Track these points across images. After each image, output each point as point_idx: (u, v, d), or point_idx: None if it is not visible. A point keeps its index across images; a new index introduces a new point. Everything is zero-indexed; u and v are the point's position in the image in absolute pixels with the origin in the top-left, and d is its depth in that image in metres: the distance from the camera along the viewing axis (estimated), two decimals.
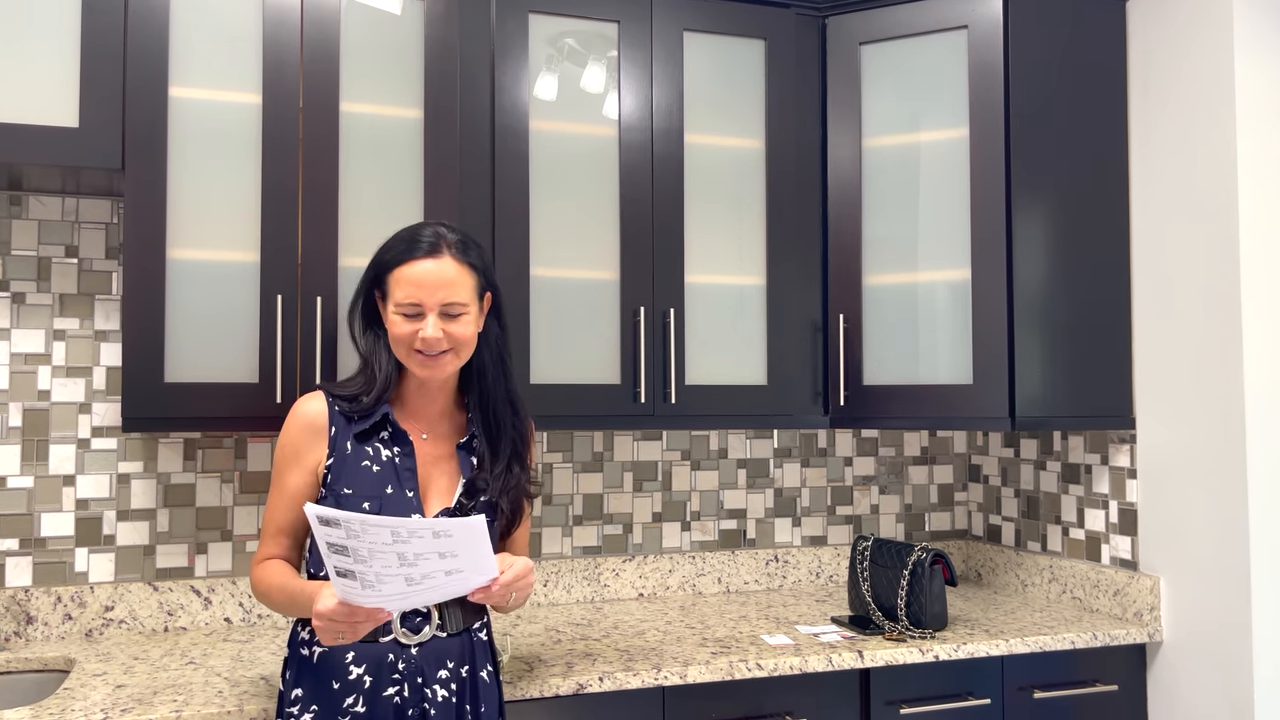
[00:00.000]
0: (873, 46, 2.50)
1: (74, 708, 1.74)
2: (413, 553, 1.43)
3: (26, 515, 2.26)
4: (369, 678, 1.61)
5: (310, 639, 1.66)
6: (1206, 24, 2.29)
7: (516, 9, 2.28)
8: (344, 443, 1.67)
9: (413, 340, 1.64)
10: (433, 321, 1.62)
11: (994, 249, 2.36)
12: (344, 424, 1.68)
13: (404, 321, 1.64)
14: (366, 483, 1.65)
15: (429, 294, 1.62)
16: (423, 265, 1.63)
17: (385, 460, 1.67)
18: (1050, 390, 2.39)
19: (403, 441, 1.68)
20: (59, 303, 2.31)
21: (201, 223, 2.03)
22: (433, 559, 1.44)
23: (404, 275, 1.64)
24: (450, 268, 1.64)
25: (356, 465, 1.66)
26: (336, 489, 1.65)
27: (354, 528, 1.39)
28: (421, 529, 1.42)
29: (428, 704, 1.63)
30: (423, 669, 1.63)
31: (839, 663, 2.12)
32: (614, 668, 2.00)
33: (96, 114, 1.99)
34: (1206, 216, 2.28)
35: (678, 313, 2.36)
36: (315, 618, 1.47)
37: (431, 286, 1.62)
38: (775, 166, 2.46)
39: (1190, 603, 2.30)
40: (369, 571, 1.42)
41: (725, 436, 2.82)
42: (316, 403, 1.69)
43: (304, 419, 1.68)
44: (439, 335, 1.62)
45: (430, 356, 1.65)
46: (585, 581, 2.65)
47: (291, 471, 1.68)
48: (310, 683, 1.63)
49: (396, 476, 1.67)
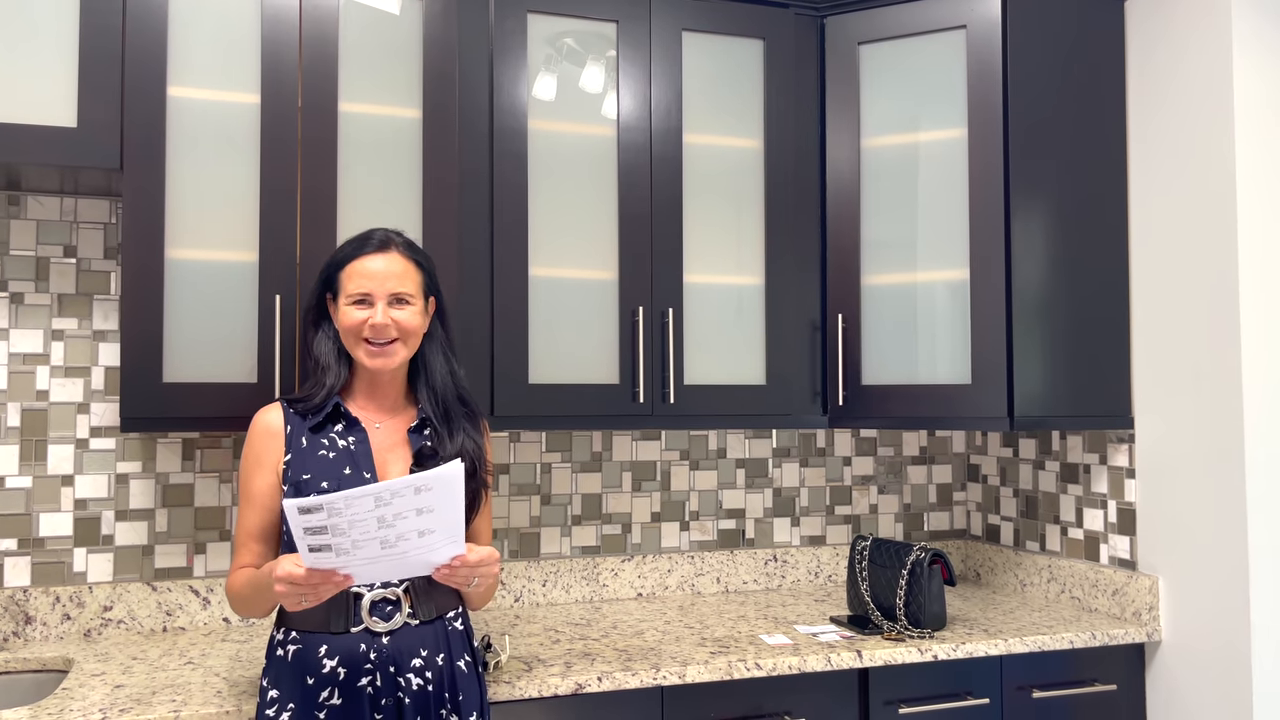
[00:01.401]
0: (871, 46, 2.50)
1: (72, 708, 1.74)
2: (392, 513, 1.47)
3: (25, 515, 2.26)
4: (342, 669, 1.63)
5: (285, 639, 1.68)
6: (1205, 24, 2.29)
7: (515, 9, 2.28)
8: (299, 437, 1.74)
9: (361, 329, 1.72)
10: (381, 308, 1.72)
11: (993, 249, 2.36)
12: (299, 422, 1.75)
13: (354, 310, 1.72)
14: (324, 467, 1.70)
15: (379, 284, 1.72)
16: (373, 259, 1.75)
17: (341, 448, 1.73)
18: (1049, 390, 2.39)
19: (356, 429, 1.75)
20: (57, 303, 2.31)
21: (200, 223, 2.03)
22: (410, 517, 1.48)
23: (355, 269, 1.74)
24: (398, 262, 1.76)
25: (313, 455, 1.71)
26: (295, 478, 1.69)
27: (337, 505, 1.43)
28: (403, 487, 1.46)
29: (402, 693, 1.65)
30: (395, 658, 1.65)
31: (838, 662, 2.12)
32: (613, 667, 2.00)
33: (95, 114, 1.98)
34: (1205, 216, 2.28)
35: (676, 312, 2.36)
36: (277, 582, 1.49)
37: (381, 277, 1.73)
38: (774, 166, 2.46)
39: (1189, 602, 2.30)
40: (345, 540, 1.46)
41: (724, 436, 2.82)
42: (272, 411, 1.78)
43: (261, 426, 1.76)
44: (387, 321, 1.72)
45: (378, 345, 1.72)
46: (584, 581, 2.65)
47: (256, 477, 1.74)
48: (286, 681, 1.65)
49: (353, 459, 1.72)
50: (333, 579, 1.49)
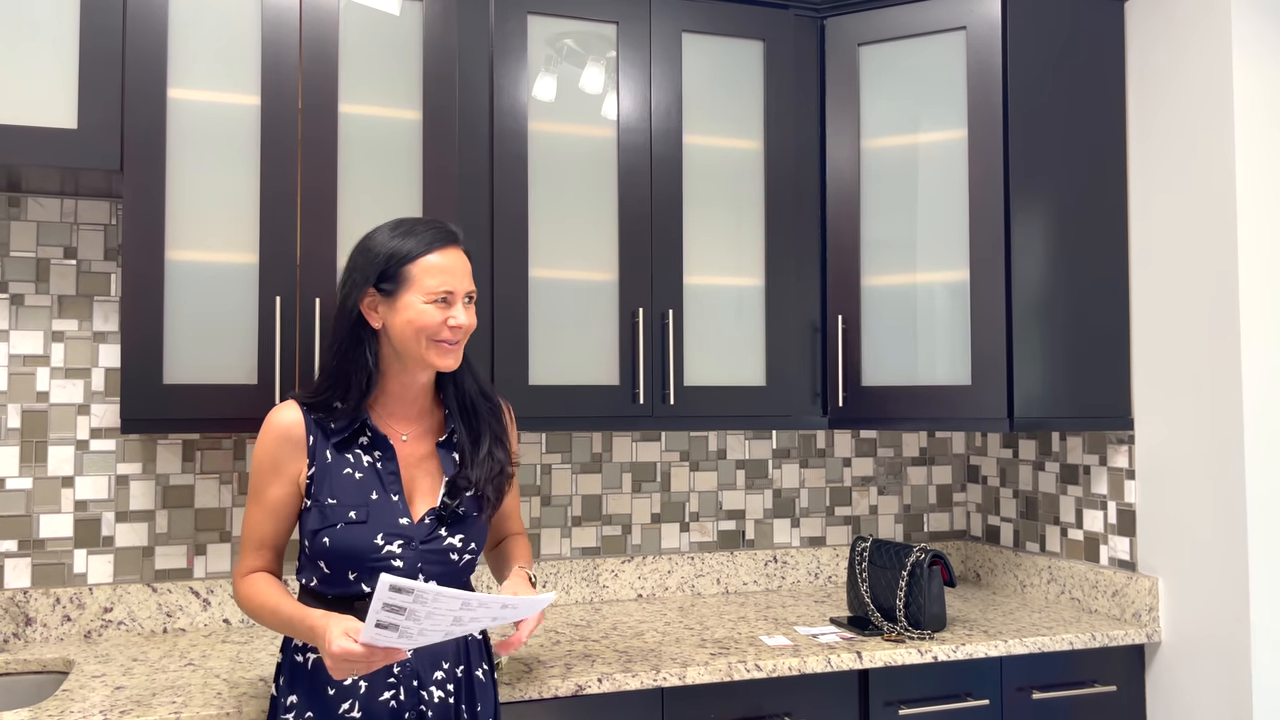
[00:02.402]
0: (871, 47, 2.50)
1: (73, 709, 1.74)
2: (470, 616, 1.45)
3: (25, 517, 2.26)
4: (364, 682, 1.61)
5: (304, 645, 1.64)
6: (1205, 24, 2.29)
7: (515, 10, 2.28)
8: (323, 452, 1.64)
9: (439, 329, 1.62)
10: (462, 307, 1.65)
11: (992, 250, 2.36)
12: (321, 433, 1.65)
13: (433, 310, 1.62)
14: (350, 490, 1.63)
15: (460, 281, 1.65)
16: (450, 253, 1.65)
17: (367, 466, 1.65)
18: (1049, 391, 2.39)
19: (383, 445, 1.67)
20: (58, 304, 2.31)
21: (200, 224, 2.03)
22: (485, 621, 1.49)
23: (432, 265, 1.63)
24: (465, 259, 1.69)
25: (338, 474, 1.64)
26: (320, 499, 1.63)
27: (425, 597, 1.38)
28: (491, 601, 1.44)
29: (424, 705, 1.63)
30: (418, 671, 1.63)
31: (837, 663, 2.12)
32: (613, 669, 2.00)
33: (95, 115, 1.98)
34: (1205, 217, 2.28)
35: (676, 314, 2.36)
36: (330, 658, 1.45)
37: (462, 274, 1.66)
38: (774, 167, 2.46)
39: (1189, 603, 2.30)
40: (414, 628, 1.42)
41: (724, 437, 2.82)
42: (291, 412, 1.66)
43: (280, 429, 1.65)
44: (473, 322, 1.66)
45: (452, 345, 1.65)
46: (584, 582, 2.65)
47: (271, 484, 1.65)
48: (305, 689, 1.63)
49: (380, 481, 1.65)
50: (394, 655, 1.45)
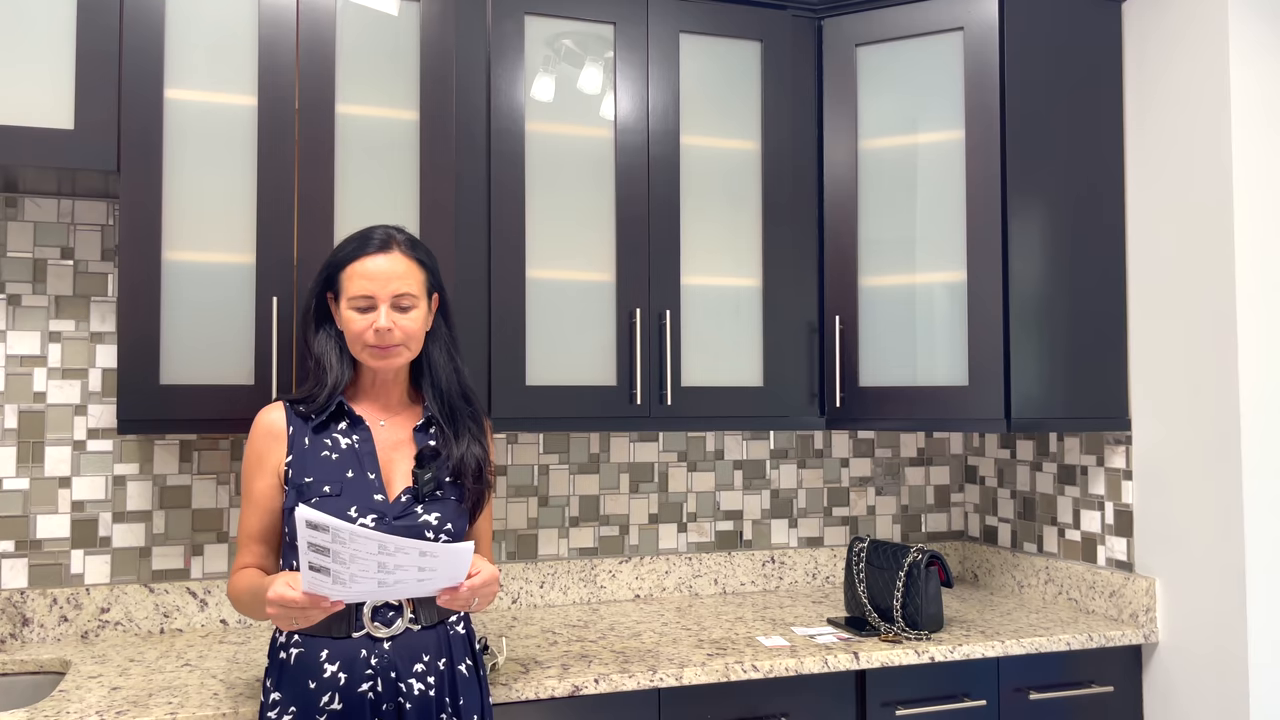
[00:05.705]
0: (869, 48, 2.50)
1: (69, 710, 1.74)
2: (394, 564, 1.48)
3: (22, 517, 2.26)
4: (343, 675, 1.63)
5: (287, 641, 1.68)
6: (1202, 25, 2.29)
7: (513, 10, 2.28)
8: (302, 438, 1.72)
9: (365, 334, 1.70)
10: (385, 312, 1.70)
11: (990, 250, 2.36)
12: (301, 422, 1.74)
13: (358, 316, 1.70)
14: (327, 469, 1.69)
15: (381, 286, 1.70)
16: (375, 260, 1.71)
17: (345, 448, 1.72)
18: (1046, 391, 2.39)
19: (360, 428, 1.74)
20: (54, 304, 2.31)
21: (197, 225, 2.03)
22: (411, 570, 1.50)
23: (357, 270, 1.71)
24: (400, 263, 1.72)
25: (316, 455, 1.70)
26: (298, 481, 1.68)
27: (342, 535, 1.43)
28: (409, 547, 1.47)
29: (403, 698, 1.64)
30: (396, 663, 1.65)
31: (835, 664, 2.12)
32: (610, 669, 2.00)
33: (92, 116, 1.98)
34: (1202, 217, 2.28)
35: (674, 314, 2.36)
36: (269, 604, 1.50)
37: (383, 279, 1.70)
38: (771, 168, 2.46)
39: (1186, 604, 2.30)
40: (344, 572, 1.46)
41: (721, 438, 2.82)
42: (274, 411, 1.76)
43: (263, 427, 1.75)
44: (391, 326, 1.69)
45: (382, 348, 1.70)
46: (581, 583, 2.65)
47: (257, 478, 1.73)
48: (288, 685, 1.65)
49: (357, 460, 1.71)
50: (322, 604, 1.49)
